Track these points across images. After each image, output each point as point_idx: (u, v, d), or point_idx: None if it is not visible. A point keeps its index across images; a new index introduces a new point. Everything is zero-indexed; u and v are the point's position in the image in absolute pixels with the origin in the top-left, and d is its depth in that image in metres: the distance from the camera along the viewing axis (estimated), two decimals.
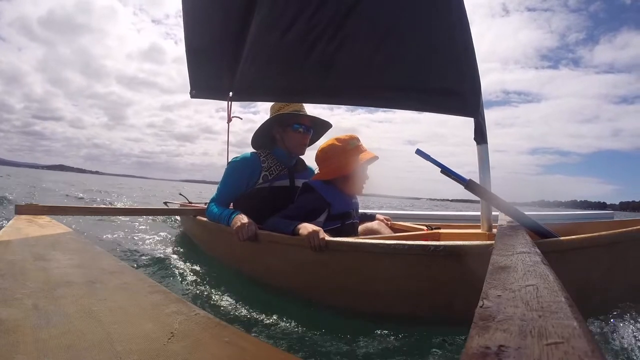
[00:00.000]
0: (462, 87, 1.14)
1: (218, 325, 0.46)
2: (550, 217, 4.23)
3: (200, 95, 2.05)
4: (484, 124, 1.15)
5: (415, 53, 1.18)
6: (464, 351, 0.24)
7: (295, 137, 1.58)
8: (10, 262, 0.69)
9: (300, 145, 1.60)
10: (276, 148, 1.64)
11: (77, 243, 0.96)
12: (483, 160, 1.14)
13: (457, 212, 4.41)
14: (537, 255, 0.54)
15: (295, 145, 1.59)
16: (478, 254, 0.83)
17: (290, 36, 1.35)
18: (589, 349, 0.22)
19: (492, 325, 0.28)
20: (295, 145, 1.59)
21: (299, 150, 1.62)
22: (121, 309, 0.49)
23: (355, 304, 1.05)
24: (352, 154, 1.41)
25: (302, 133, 1.57)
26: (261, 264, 1.40)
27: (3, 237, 0.95)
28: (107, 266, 0.72)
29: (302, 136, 1.58)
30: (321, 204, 1.37)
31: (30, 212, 1.52)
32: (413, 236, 1.33)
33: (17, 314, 0.45)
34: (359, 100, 1.30)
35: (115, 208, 1.94)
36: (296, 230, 1.20)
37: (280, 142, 1.62)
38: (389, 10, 1.19)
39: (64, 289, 0.55)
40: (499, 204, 0.99)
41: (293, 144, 1.59)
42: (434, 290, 0.93)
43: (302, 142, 1.59)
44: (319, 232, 1.10)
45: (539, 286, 0.37)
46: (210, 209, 1.58)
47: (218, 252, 1.75)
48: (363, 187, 1.48)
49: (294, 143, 1.58)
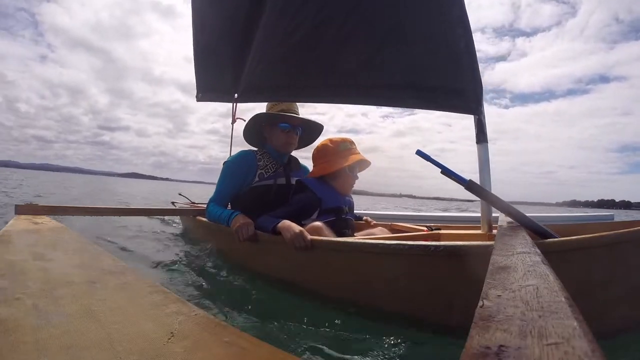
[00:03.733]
0: (463, 84, 1.14)
1: (218, 325, 0.46)
2: (551, 218, 4.24)
3: (206, 98, 2.06)
4: (484, 122, 1.15)
5: (417, 51, 1.19)
6: (464, 351, 0.24)
7: (281, 136, 1.61)
8: (10, 262, 0.69)
9: (286, 144, 1.62)
10: (268, 146, 1.67)
11: (77, 243, 0.96)
12: (483, 160, 1.14)
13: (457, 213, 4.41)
14: (537, 255, 0.54)
15: (282, 144, 1.62)
16: (478, 254, 0.83)
17: (296, 36, 1.36)
18: (589, 349, 0.22)
19: (492, 325, 0.28)
20: (282, 144, 1.62)
21: (286, 149, 1.64)
22: (121, 309, 0.49)
23: (355, 304, 1.05)
24: (342, 155, 1.49)
25: (287, 132, 1.60)
26: (261, 264, 1.40)
27: (3, 237, 0.95)
28: (107, 266, 0.72)
29: (287, 135, 1.61)
30: (314, 201, 1.42)
31: (30, 212, 1.52)
32: (413, 237, 1.33)
33: (17, 314, 0.45)
34: (362, 99, 1.30)
35: (115, 208, 1.94)
36: (277, 229, 1.23)
37: (269, 140, 1.66)
38: (391, 9, 1.20)
39: (64, 289, 0.55)
40: (499, 204, 0.99)
41: (280, 143, 1.62)
42: (434, 290, 0.93)
43: (288, 140, 1.62)
44: (303, 233, 1.14)
45: (539, 286, 0.37)
46: (209, 210, 1.58)
47: (218, 253, 1.75)
48: (351, 187, 1.56)
49: (281, 142, 1.62)
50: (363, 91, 1.30)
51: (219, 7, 1.78)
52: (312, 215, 1.41)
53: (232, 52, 1.74)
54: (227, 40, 1.75)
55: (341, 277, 1.10)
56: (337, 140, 1.54)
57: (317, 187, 1.46)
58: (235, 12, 1.67)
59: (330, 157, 1.51)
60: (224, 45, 1.79)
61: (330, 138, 1.58)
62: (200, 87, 2.07)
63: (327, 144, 1.54)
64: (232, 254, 1.61)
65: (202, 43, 1.96)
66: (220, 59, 1.86)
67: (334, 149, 1.51)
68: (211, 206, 1.59)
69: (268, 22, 1.47)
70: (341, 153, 1.50)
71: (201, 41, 1.97)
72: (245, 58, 1.64)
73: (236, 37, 1.69)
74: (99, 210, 1.89)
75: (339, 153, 1.50)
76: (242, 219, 1.37)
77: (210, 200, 1.62)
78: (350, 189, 1.56)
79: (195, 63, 2.04)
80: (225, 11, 1.73)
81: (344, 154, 1.49)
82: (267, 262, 1.37)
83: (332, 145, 1.53)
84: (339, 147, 1.51)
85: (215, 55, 1.88)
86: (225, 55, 1.81)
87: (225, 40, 1.77)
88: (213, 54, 1.90)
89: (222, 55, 1.83)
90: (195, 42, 1.99)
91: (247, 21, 1.61)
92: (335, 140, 1.54)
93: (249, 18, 1.59)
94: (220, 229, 1.54)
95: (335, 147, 1.52)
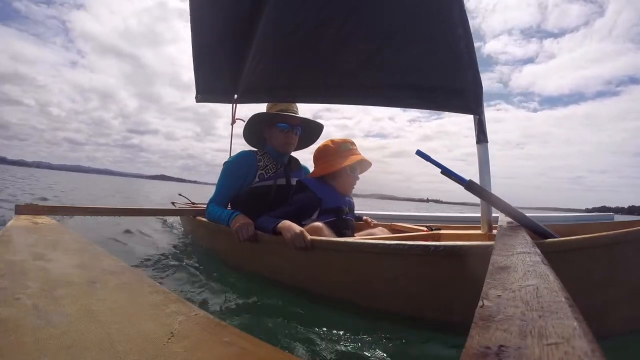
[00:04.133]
0: (463, 84, 1.15)
1: (218, 325, 0.46)
2: (551, 218, 4.24)
3: (205, 99, 2.06)
4: (484, 122, 1.15)
5: (417, 51, 1.19)
6: (464, 351, 0.24)
7: (280, 135, 1.61)
8: (10, 262, 0.69)
9: (285, 144, 1.62)
10: (268, 146, 1.68)
11: (77, 243, 0.96)
12: (483, 160, 1.14)
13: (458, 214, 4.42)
14: (537, 255, 0.54)
15: (281, 144, 1.62)
16: (478, 254, 0.83)
17: (296, 36, 1.36)
18: (589, 349, 0.22)
19: (492, 325, 0.28)
20: (281, 143, 1.62)
21: (284, 149, 1.64)
22: (121, 309, 0.49)
23: (355, 304, 1.05)
24: (342, 155, 1.50)
25: (286, 132, 1.60)
26: (261, 264, 1.40)
27: (3, 237, 0.95)
28: (107, 266, 0.72)
29: (286, 135, 1.60)
30: (315, 201, 1.42)
31: (30, 212, 1.52)
32: (413, 237, 1.33)
33: (17, 314, 0.45)
34: (362, 99, 1.30)
35: (115, 208, 1.94)
36: (277, 229, 1.24)
37: (269, 140, 1.66)
38: (391, 9, 1.20)
39: (64, 289, 0.55)
40: (499, 204, 0.99)
41: (278, 143, 1.62)
42: (434, 290, 0.93)
43: (287, 140, 1.62)
44: (303, 233, 1.14)
45: (539, 286, 0.37)
46: (209, 210, 1.59)
47: (218, 253, 1.75)
48: (352, 187, 1.56)
49: (279, 141, 1.62)
50: (363, 91, 1.30)
51: (218, 8, 1.77)
52: (312, 215, 1.41)
53: (231, 52, 1.74)
54: (226, 41, 1.75)
55: (341, 277, 1.10)
56: (338, 141, 1.55)
57: (317, 187, 1.46)
58: (235, 13, 1.67)
59: (330, 157, 1.51)
60: (223, 46, 1.79)
61: (331, 139, 1.59)
62: (200, 88, 2.07)
63: (328, 144, 1.55)
64: (232, 254, 1.61)
65: (201, 44, 1.96)
66: (219, 60, 1.86)
67: (335, 149, 1.52)
68: (211, 206, 1.59)
69: (268, 22, 1.48)
70: (342, 153, 1.50)
71: (200, 42, 1.96)
72: (245, 59, 1.64)
73: (235, 37, 1.69)
74: (99, 210, 1.89)
75: (340, 153, 1.51)
76: (242, 219, 1.37)
77: (210, 201, 1.62)
78: (350, 190, 1.57)
79: (194, 64, 2.04)
80: (225, 11, 1.73)
81: (345, 154, 1.50)
82: (267, 262, 1.37)
83: (333, 146, 1.54)
84: (339, 148, 1.52)
85: (214, 56, 1.88)
86: (224, 56, 1.81)
87: (224, 40, 1.77)
88: (212, 54, 1.90)
89: (221, 56, 1.83)
90: (194, 42, 1.99)
91: (246, 21, 1.61)
92: (336, 141, 1.55)
93: (248, 18, 1.59)
94: (220, 229, 1.54)
95: (336, 148, 1.53)
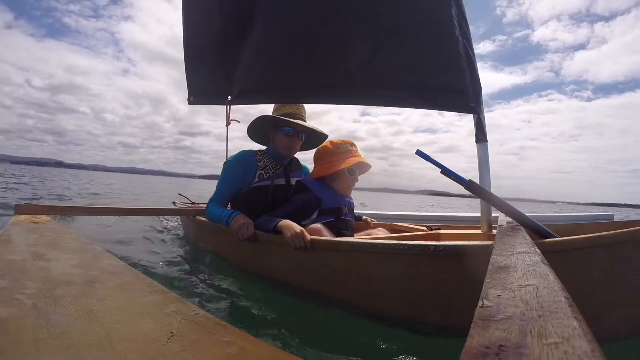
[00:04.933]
0: (463, 84, 1.14)
1: (218, 325, 0.46)
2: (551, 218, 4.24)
3: (199, 102, 2.02)
4: (484, 121, 1.15)
5: (417, 51, 1.19)
6: (464, 351, 0.24)
7: (284, 139, 1.60)
8: (10, 262, 0.69)
9: (287, 148, 1.62)
10: (270, 147, 1.68)
11: (77, 243, 0.96)
12: (483, 160, 1.14)
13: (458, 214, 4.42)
14: (537, 255, 0.54)
15: (284, 147, 1.62)
16: (478, 254, 0.83)
17: (295, 36, 1.35)
18: (589, 349, 0.22)
19: (492, 325, 0.28)
20: (284, 147, 1.62)
21: (286, 153, 1.64)
22: (121, 309, 0.49)
23: (355, 304, 1.05)
24: (342, 157, 1.50)
25: (291, 137, 1.59)
26: (261, 264, 1.40)
27: (3, 237, 0.95)
28: (107, 266, 0.72)
29: (290, 140, 1.60)
30: (314, 201, 1.43)
31: (30, 212, 1.52)
32: (413, 237, 1.33)
33: (17, 314, 0.44)
34: (362, 99, 1.30)
35: (115, 208, 1.93)
36: (277, 229, 1.25)
37: (272, 141, 1.66)
38: (390, 9, 1.20)
39: (64, 289, 0.55)
40: (499, 204, 0.99)
41: (281, 146, 1.62)
42: (434, 290, 0.93)
43: (291, 145, 1.61)
44: (303, 233, 1.15)
45: (539, 286, 0.37)
46: (209, 210, 1.58)
47: (218, 253, 1.75)
48: (351, 189, 1.57)
49: (282, 145, 1.61)
50: (363, 91, 1.30)
51: (211, 7, 1.74)
52: (312, 215, 1.41)
53: (225, 53, 1.70)
54: (220, 41, 1.71)
55: (341, 277, 1.10)
56: (338, 143, 1.56)
57: (317, 188, 1.47)
58: (229, 13, 1.64)
59: (330, 159, 1.52)
60: (216, 46, 1.74)
61: (331, 140, 1.59)
62: (193, 91, 2.01)
63: (328, 146, 1.56)
64: (232, 254, 1.61)
65: (193, 44, 1.90)
66: (212, 61, 1.80)
67: (334, 151, 1.53)
68: (211, 206, 1.58)
69: (266, 23, 1.46)
70: (341, 155, 1.51)
71: (192, 42, 1.90)
72: (239, 59, 1.61)
73: (229, 38, 1.66)
74: (99, 210, 1.89)
75: (339, 155, 1.51)
76: (243, 219, 1.37)
77: (211, 201, 1.61)
78: (350, 191, 1.57)
79: (186, 65, 1.97)
80: (218, 11, 1.70)
81: (344, 156, 1.51)
82: (267, 262, 1.37)
83: (332, 147, 1.54)
84: (339, 149, 1.53)
85: (208, 57, 1.82)
86: (217, 57, 1.75)
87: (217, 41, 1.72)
88: (205, 55, 1.84)
89: (215, 57, 1.77)
90: (186, 43, 1.92)
91: (241, 22, 1.59)
92: (336, 143, 1.56)
93: (243, 19, 1.57)
94: (220, 229, 1.54)
95: (336, 149, 1.53)
